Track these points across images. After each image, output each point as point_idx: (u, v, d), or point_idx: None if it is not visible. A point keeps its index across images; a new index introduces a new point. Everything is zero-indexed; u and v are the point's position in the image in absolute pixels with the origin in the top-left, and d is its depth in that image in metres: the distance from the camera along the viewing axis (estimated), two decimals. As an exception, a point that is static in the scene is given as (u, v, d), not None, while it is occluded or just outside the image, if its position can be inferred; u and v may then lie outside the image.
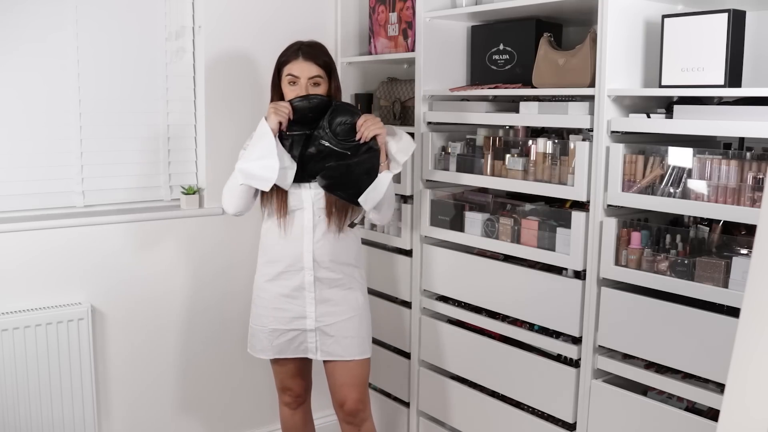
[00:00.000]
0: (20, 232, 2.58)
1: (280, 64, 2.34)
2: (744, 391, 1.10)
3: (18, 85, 2.58)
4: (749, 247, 1.93)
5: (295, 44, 2.35)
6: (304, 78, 2.29)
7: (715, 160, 1.96)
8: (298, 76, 2.29)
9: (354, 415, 2.47)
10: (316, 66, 2.30)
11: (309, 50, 2.32)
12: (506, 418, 2.57)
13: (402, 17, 2.91)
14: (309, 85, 2.30)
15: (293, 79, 2.30)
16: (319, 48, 2.36)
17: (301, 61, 2.29)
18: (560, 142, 2.33)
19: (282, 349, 2.43)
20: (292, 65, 2.30)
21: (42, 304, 2.63)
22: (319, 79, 2.31)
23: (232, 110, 2.96)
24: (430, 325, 2.84)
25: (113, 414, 2.84)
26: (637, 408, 2.16)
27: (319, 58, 2.32)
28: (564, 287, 2.32)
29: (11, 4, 2.54)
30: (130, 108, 2.81)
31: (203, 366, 3.03)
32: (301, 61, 2.29)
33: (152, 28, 2.83)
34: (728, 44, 1.95)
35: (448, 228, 2.70)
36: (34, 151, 2.64)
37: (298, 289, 2.37)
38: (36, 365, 2.57)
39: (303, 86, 2.29)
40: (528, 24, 2.54)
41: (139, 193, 2.89)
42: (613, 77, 2.16)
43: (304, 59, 2.30)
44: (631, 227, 2.16)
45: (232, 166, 2.93)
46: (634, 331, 2.14)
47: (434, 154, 2.75)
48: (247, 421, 3.17)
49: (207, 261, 2.98)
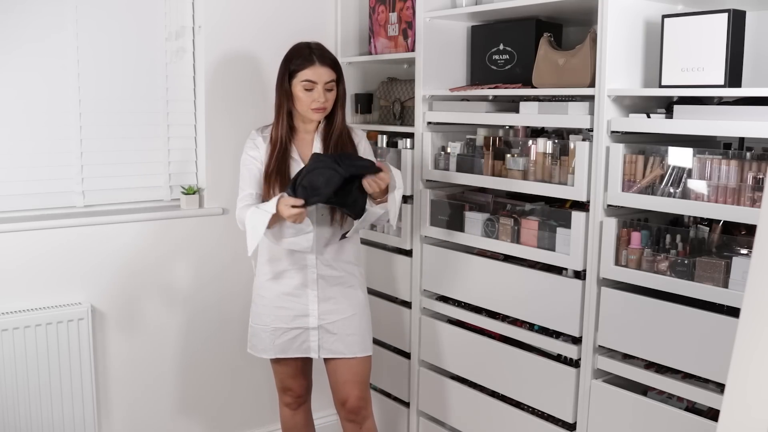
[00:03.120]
0: (20, 232, 2.58)
1: (293, 70, 2.30)
2: (744, 391, 1.10)
3: (18, 85, 2.58)
4: (749, 247, 1.93)
5: (304, 48, 2.32)
6: (321, 83, 2.28)
7: (715, 160, 1.96)
8: (316, 82, 2.28)
9: (356, 413, 2.47)
10: (330, 70, 2.30)
11: (320, 53, 2.31)
12: (506, 418, 2.57)
13: (402, 17, 2.91)
14: (324, 90, 2.29)
15: (310, 85, 2.28)
16: (328, 51, 2.35)
17: (317, 66, 2.28)
18: (560, 142, 2.33)
19: (284, 348, 2.42)
20: (309, 71, 2.28)
21: (42, 304, 2.63)
22: (333, 84, 2.31)
23: (232, 110, 2.96)
24: (430, 325, 2.84)
25: (113, 414, 2.84)
26: (637, 408, 2.16)
27: (331, 60, 2.32)
28: (564, 287, 2.32)
29: (11, 4, 2.54)
30: (130, 108, 2.81)
31: (203, 366, 3.03)
32: (318, 66, 2.28)
33: (152, 28, 2.83)
34: (728, 44, 1.95)
35: (448, 228, 2.70)
36: (34, 151, 2.64)
37: (300, 287, 2.37)
38: (36, 365, 2.57)
39: (320, 91, 2.27)
40: (528, 24, 2.54)
41: (139, 193, 2.89)
42: (613, 77, 2.16)
43: (320, 64, 2.28)
44: (631, 227, 2.16)
45: (232, 166, 2.94)
46: (634, 331, 2.14)
47: (434, 154, 2.75)
48: (247, 421, 3.17)
49: (207, 261, 2.98)
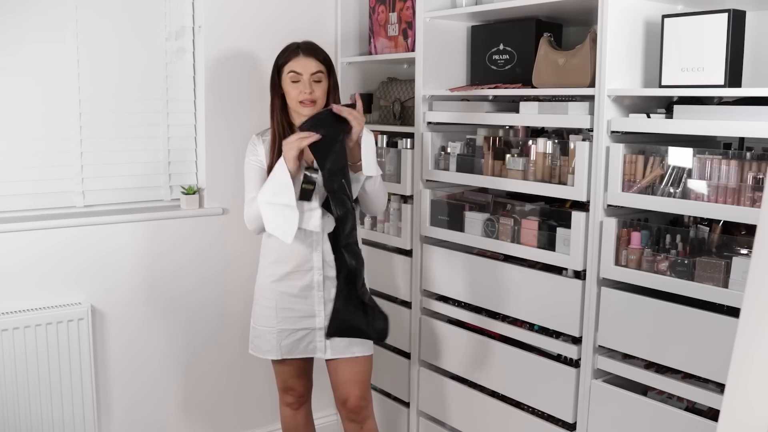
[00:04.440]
0: (20, 232, 2.58)
1: (280, 65, 2.34)
2: (744, 391, 1.10)
3: (19, 85, 2.58)
4: (749, 247, 1.93)
5: (292, 44, 2.36)
6: (307, 74, 2.29)
7: (715, 160, 1.96)
8: (301, 73, 2.29)
9: (357, 413, 2.47)
10: (317, 61, 2.31)
11: (308, 47, 2.34)
12: (506, 418, 2.57)
13: (402, 17, 2.91)
14: (311, 81, 2.29)
15: (296, 77, 2.29)
16: (317, 46, 2.37)
17: (302, 58, 2.30)
18: (560, 142, 2.33)
19: (290, 349, 2.42)
20: (294, 62, 2.30)
21: (42, 304, 2.63)
22: (321, 75, 2.31)
23: (232, 110, 2.96)
24: (430, 325, 2.84)
25: (113, 414, 2.84)
26: (637, 408, 2.16)
27: (319, 54, 2.33)
28: (564, 287, 2.32)
29: (12, 5, 2.54)
30: (130, 108, 2.81)
31: (203, 366, 3.03)
32: (302, 58, 2.30)
33: (152, 28, 2.83)
34: (728, 44, 1.95)
35: (448, 228, 2.70)
36: (34, 151, 2.65)
37: (306, 288, 2.37)
38: (36, 365, 2.57)
39: (306, 83, 2.28)
40: (528, 24, 2.54)
41: (139, 193, 2.89)
42: (613, 77, 2.16)
43: (305, 56, 2.31)
44: (631, 227, 2.16)
45: (231, 166, 2.95)
46: (634, 331, 2.14)
47: (434, 154, 2.75)
48: (248, 421, 3.17)
49: (207, 261, 2.98)
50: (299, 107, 2.31)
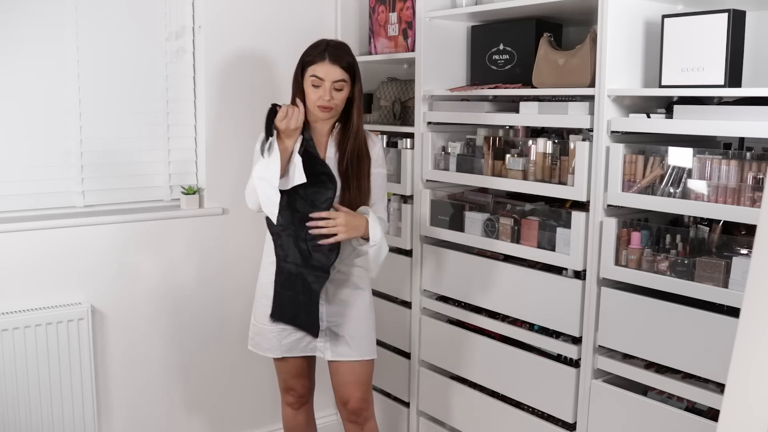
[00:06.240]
0: (20, 232, 2.57)
1: (305, 63, 2.28)
2: (744, 391, 1.10)
3: (19, 85, 2.58)
4: (749, 247, 1.93)
5: (322, 43, 2.29)
6: (329, 81, 2.23)
7: (715, 160, 1.96)
8: (323, 79, 2.23)
9: (357, 414, 2.47)
10: (341, 70, 2.24)
11: (335, 52, 2.26)
12: (506, 418, 2.57)
13: (402, 17, 2.91)
14: (332, 89, 2.24)
15: (317, 81, 2.24)
16: (345, 50, 2.30)
17: (327, 64, 2.23)
18: (560, 142, 2.33)
19: (291, 348, 2.42)
20: (318, 66, 2.24)
21: (42, 304, 2.63)
22: (343, 83, 2.25)
23: (232, 110, 2.96)
24: (430, 325, 2.84)
25: (113, 414, 2.84)
26: (637, 408, 2.16)
27: (344, 60, 2.26)
28: (564, 287, 2.32)
29: (12, 5, 2.54)
30: (130, 108, 2.81)
31: (203, 366, 3.03)
32: (327, 64, 2.23)
33: (152, 28, 2.83)
34: (728, 44, 1.95)
35: (448, 228, 2.70)
36: (34, 150, 2.64)
37: None
38: (36, 365, 2.57)
39: (327, 89, 2.23)
40: (528, 24, 2.54)
41: (139, 193, 2.89)
42: (613, 77, 2.16)
43: (330, 62, 2.23)
44: (631, 227, 2.16)
45: (232, 166, 2.95)
46: (634, 331, 2.14)
47: (434, 154, 2.75)
48: (248, 421, 3.17)
49: (207, 261, 2.98)
50: (316, 110, 2.27)
